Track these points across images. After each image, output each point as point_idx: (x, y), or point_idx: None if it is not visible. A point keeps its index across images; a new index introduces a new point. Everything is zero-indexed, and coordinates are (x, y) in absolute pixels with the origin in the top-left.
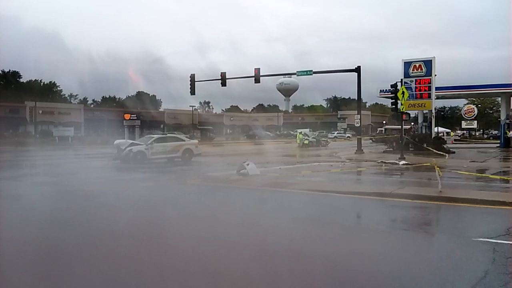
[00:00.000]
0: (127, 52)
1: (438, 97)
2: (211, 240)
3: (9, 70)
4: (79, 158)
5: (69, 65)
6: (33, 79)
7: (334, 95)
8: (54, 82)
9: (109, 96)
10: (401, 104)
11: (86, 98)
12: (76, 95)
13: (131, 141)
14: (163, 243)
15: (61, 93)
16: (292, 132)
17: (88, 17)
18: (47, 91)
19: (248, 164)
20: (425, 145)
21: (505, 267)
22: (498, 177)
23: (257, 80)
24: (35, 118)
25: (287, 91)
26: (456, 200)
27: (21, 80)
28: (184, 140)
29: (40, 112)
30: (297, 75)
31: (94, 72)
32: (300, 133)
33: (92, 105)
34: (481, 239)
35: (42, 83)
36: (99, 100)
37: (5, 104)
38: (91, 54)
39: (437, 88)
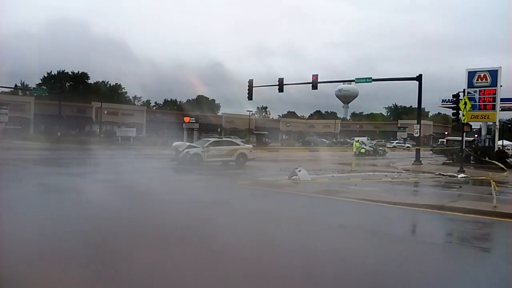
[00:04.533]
0: (188, 57)
1: (503, 109)
2: (256, 243)
3: (78, 72)
4: (139, 158)
5: (134, 67)
6: (100, 81)
7: (395, 103)
8: (119, 84)
9: (171, 99)
10: (463, 115)
11: (149, 101)
12: (140, 97)
13: (189, 144)
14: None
15: (126, 95)
16: (349, 140)
17: (150, 22)
18: (112, 93)
19: (300, 171)
20: (487, 158)
21: None
22: None
23: (314, 87)
24: (101, 118)
25: (346, 98)
26: (511, 216)
27: (89, 81)
28: (239, 145)
29: (105, 112)
30: (356, 83)
31: (156, 76)
32: (357, 141)
33: (154, 108)
34: None
35: (108, 85)
36: (161, 103)
37: (73, 104)
38: (153, 58)
39: (503, 100)
